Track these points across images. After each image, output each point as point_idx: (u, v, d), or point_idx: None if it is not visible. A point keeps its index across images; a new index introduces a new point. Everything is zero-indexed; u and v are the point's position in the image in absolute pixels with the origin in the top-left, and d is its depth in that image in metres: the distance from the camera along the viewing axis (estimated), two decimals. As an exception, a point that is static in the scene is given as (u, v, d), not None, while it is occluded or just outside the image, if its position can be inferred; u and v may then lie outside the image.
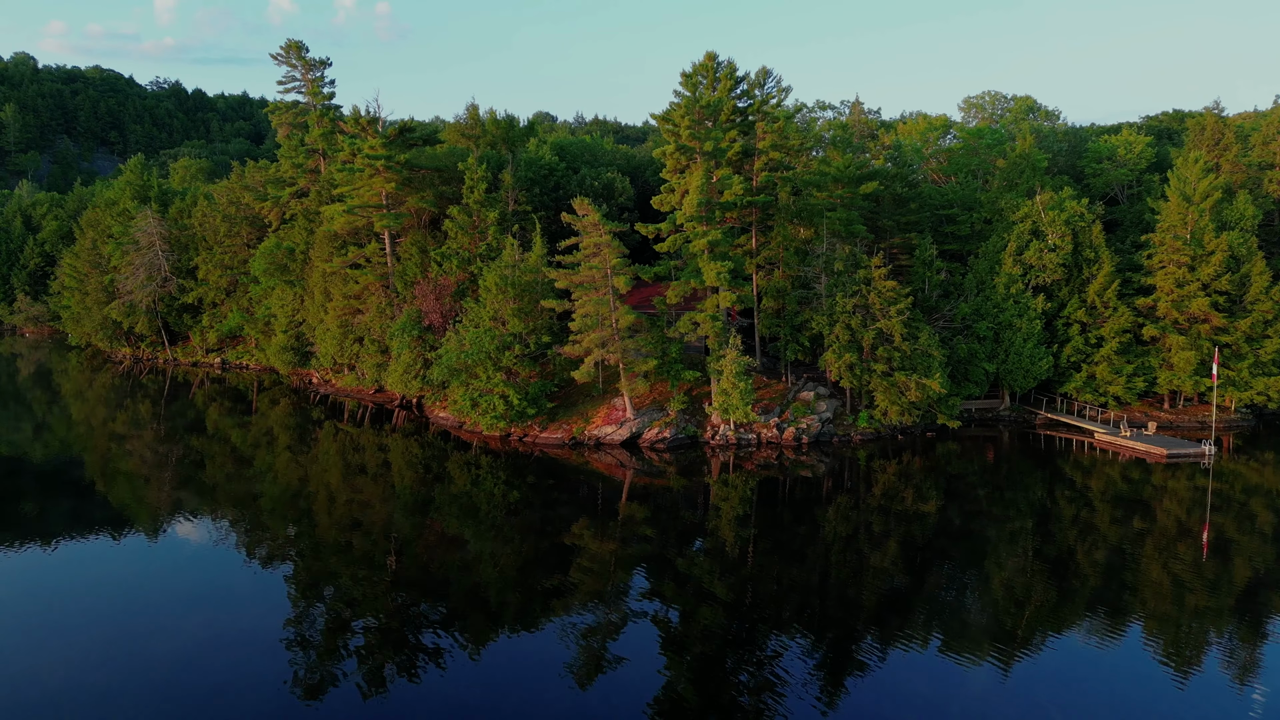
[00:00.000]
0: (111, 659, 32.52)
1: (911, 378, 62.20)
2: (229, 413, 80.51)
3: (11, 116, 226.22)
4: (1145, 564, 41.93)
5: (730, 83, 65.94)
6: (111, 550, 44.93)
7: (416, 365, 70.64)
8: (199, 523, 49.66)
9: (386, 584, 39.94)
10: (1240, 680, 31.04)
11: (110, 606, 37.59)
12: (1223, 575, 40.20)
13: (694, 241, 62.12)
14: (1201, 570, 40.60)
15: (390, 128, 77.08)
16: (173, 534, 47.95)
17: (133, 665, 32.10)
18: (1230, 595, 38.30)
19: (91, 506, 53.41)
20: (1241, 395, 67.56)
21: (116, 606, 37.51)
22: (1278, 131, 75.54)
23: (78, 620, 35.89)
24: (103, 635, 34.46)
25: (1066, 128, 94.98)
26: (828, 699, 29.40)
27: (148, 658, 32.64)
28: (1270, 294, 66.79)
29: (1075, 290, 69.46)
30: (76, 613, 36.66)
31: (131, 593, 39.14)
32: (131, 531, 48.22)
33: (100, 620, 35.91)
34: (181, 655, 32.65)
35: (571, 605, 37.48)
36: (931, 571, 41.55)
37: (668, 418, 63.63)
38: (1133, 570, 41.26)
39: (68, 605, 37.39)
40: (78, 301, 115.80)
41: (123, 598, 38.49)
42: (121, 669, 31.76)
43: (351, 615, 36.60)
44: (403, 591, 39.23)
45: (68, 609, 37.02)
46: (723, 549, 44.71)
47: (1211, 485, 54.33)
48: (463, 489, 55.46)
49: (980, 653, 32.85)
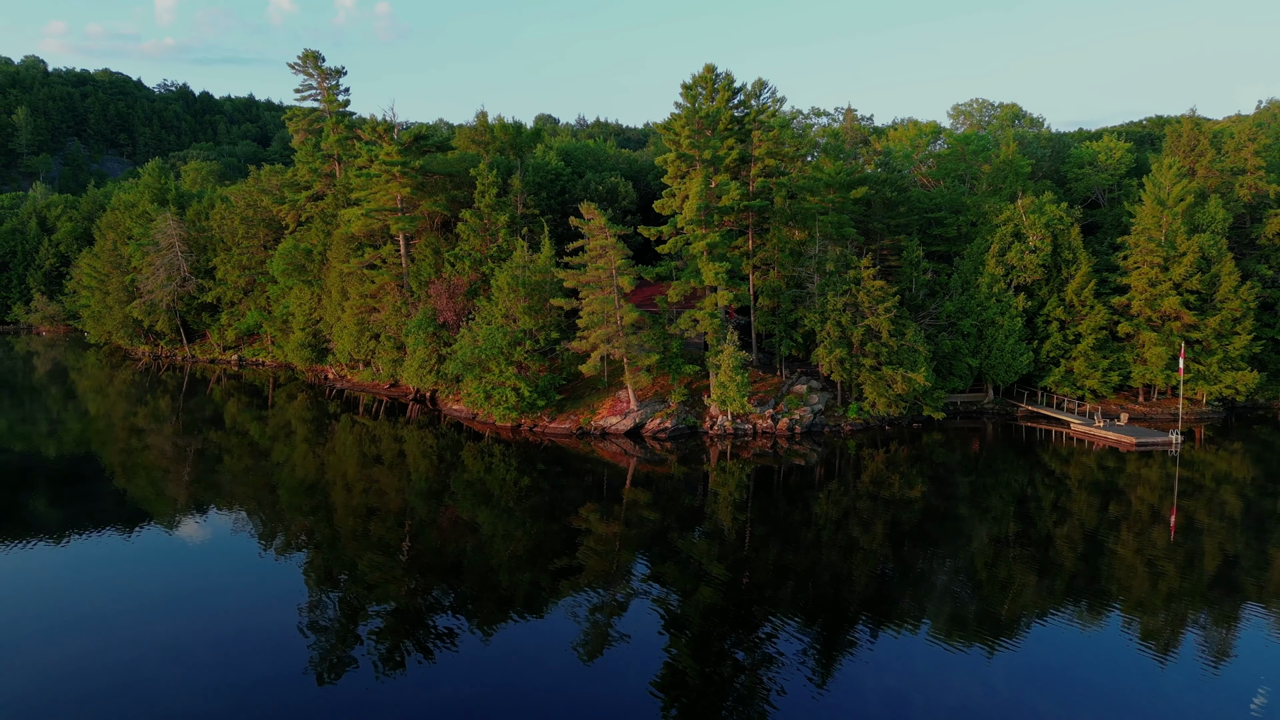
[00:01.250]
0: (132, 643, 33.19)
1: (898, 372, 65.84)
2: (246, 407, 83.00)
3: (24, 119, 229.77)
4: (1115, 544, 44.15)
5: (728, 94, 69.62)
6: (136, 538, 46.07)
7: (431, 360, 74.17)
8: (220, 511, 51.09)
9: (403, 567, 41.14)
10: (1202, 642, 33.33)
11: (129, 592, 38.49)
12: (1189, 554, 42.53)
13: (694, 244, 65.59)
14: (1170, 551, 42.82)
15: (405, 134, 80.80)
16: (194, 522, 49.24)
17: (152, 649, 32.56)
18: (1195, 571, 40.61)
19: (117, 495, 55.24)
20: (1211, 389, 71.12)
21: (136, 592, 38.35)
22: (1249, 138, 79.07)
23: (101, 604, 37.03)
24: (121, 619, 35.29)
25: (1050, 134, 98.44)
26: (820, 675, 30.57)
27: (167, 642, 33.09)
28: (1239, 293, 70.29)
29: (1054, 289, 73.12)
30: (102, 596, 37.85)
31: (152, 579, 39.83)
32: (154, 519, 49.59)
33: (119, 605, 36.84)
34: (201, 639, 33.26)
35: (579, 584, 38.92)
36: (917, 553, 43.30)
37: (669, 409, 67.22)
38: (1101, 548, 43.63)
39: (97, 588, 38.85)
40: (98, 300, 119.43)
41: (143, 583, 39.27)
42: (139, 652, 32.31)
43: (369, 598, 37.62)
44: (418, 574, 40.34)
45: (97, 592, 38.42)
46: (721, 532, 46.74)
47: (1179, 472, 57.36)
48: (476, 476, 58.04)
49: (964, 630, 34.37)
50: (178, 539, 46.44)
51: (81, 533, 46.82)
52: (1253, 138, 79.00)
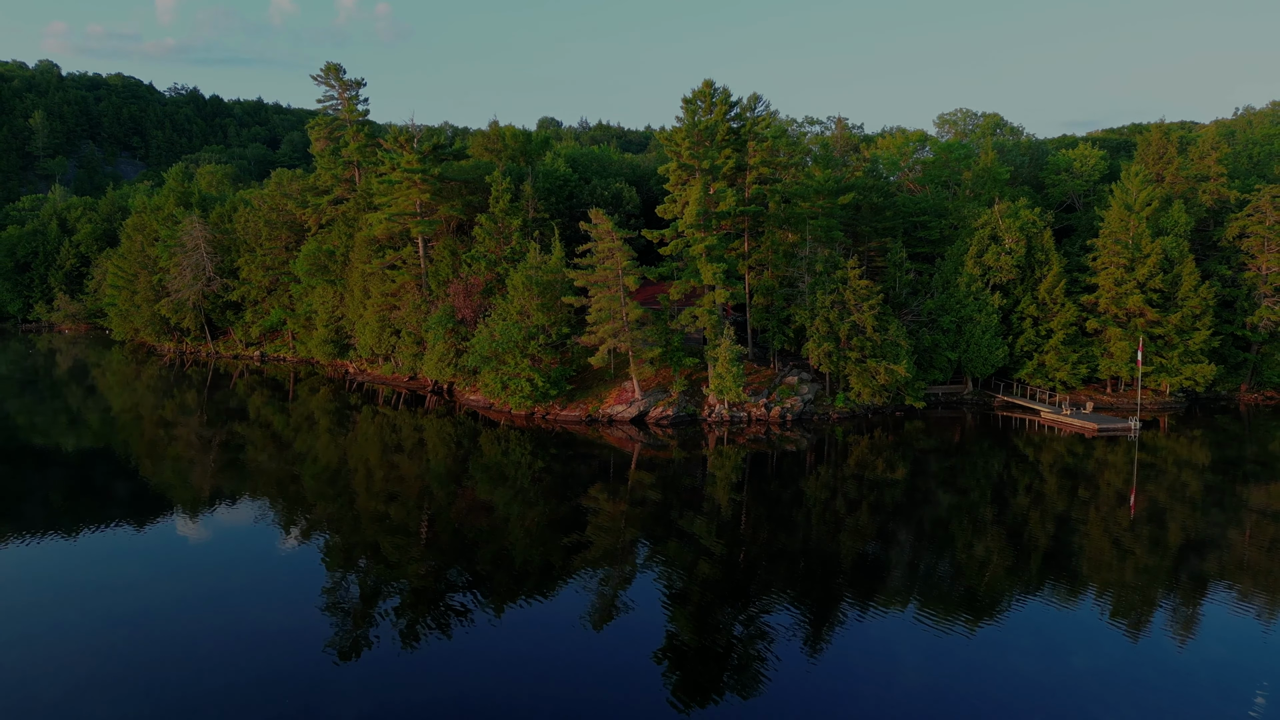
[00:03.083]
0: (156, 622, 34.25)
1: (881, 364, 71.32)
2: (270, 400, 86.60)
3: (40, 123, 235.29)
4: (1080, 520, 47.72)
5: (725, 107, 75.16)
6: (163, 524, 47.97)
7: (450, 354, 79.52)
8: (245, 497, 52.95)
9: (422, 547, 43.01)
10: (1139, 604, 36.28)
11: (163, 567, 40.36)
12: (1148, 530, 45.83)
13: (694, 246, 70.96)
14: (1134, 528, 46.10)
15: (425, 144, 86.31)
16: (221, 508, 50.99)
17: (176, 628, 33.50)
18: (1154, 544, 43.41)
19: (150, 479, 58.04)
20: (1173, 380, 76.60)
21: (164, 573, 39.72)
22: (1212, 147, 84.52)
23: (129, 582, 38.77)
24: (145, 600, 36.64)
25: (1030, 142, 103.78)
26: (811, 646, 32.16)
27: (191, 621, 34.10)
28: (1199, 292, 75.66)
29: (1028, 288, 78.59)
30: (130, 576, 39.50)
31: (178, 561, 41.34)
32: (182, 506, 51.37)
33: (146, 587, 38.28)
34: (225, 619, 34.36)
35: (588, 560, 41.02)
36: (900, 531, 45.86)
37: (670, 398, 72.65)
38: (1062, 521, 47.38)
39: (124, 568, 40.56)
40: (125, 299, 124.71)
41: (171, 565, 40.81)
42: (164, 631, 33.27)
43: (390, 576, 39.24)
44: (437, 552, 42.20)
45: (124, 571, 40.14)
46: (718, 511, 49.36)
47: (1138, 456, 62.11)
48: (493, 460, 61.88)
49: (944, 601, 36.36)
50: (205, 520, 48.53)
51: (119, 513, 49.32)
52: (1215, 146, 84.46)
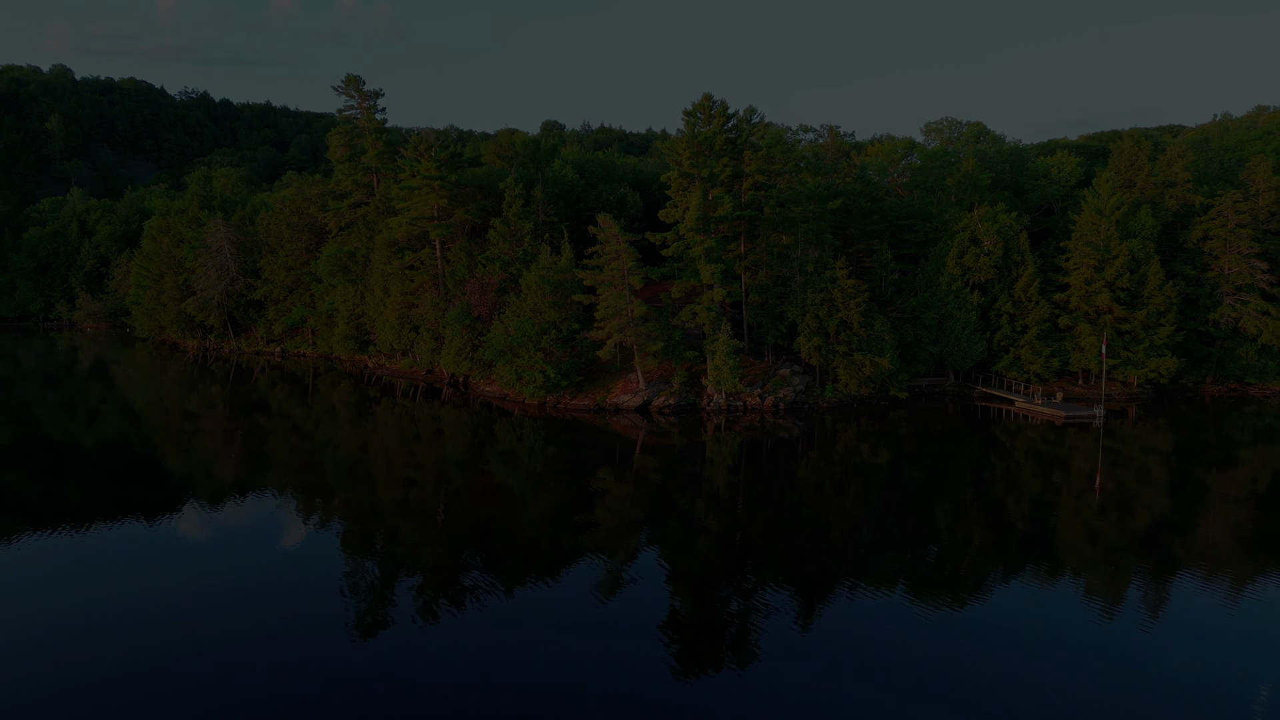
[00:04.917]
0: (183, 602, 35.58)
1: (867, 357, 76.97)
2: (292, 394, 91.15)
3: (57, 127, 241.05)
4: (1050, 499, 51.63)
5: (723, 119, 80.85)
6: (190, 509, 49.89)
7: (467, 348, 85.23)
8: (270, 485, 55.39)
9: (440, 528, 45.32)
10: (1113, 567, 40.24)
11: (190, 547, 42.55)
12: (1114, 510, 49.79)
13: (693, 248, 76.70)
14: (1098, 507, 49.77)
15: (442, 153, 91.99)
16: (248, 495, 52.91)
17: (202, 608, 34.82)
18: (1117, 521, 47.87)
19: (180, 466, 61.05)
20: (1139, 373, 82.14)
21: (189, 556, 41.62)
22: (1179, 155, 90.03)
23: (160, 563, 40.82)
24: (173, 581, 38.21)
25: (1012, 148, 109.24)
26: (803, 620, 33.97)
27: (218, 601, 35.42)
28: (1163, 290, 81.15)
29: (1005, 287, 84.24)
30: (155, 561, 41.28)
31: (203, 547, 42.84)
32: (208, 494, 53.16)
33: (174, 567, 40.13)
34: (248, 600, 35.76)
35: (596, 538, 43.63)
36: (884, 511, 48.98)
37: (672, 389, 78.23)
38: (1037, 501, 51.43)
39: (149, 554, 42.36)
40: (151, 298, 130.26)
41: (196, 550, 42.43)
42: (190, 611, 34.57)
43: (410, 556, 41.23)
44: (454, 534, 44.46)
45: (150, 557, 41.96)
46: (716, 493, 52.44)
47: (1104, 442, 67.39)
48: (509, 446, 66.72)
49: (927, 579, 38.54)
50: (231, 507, 50.28)
51: (150, 498, 52.18)
52: (1183, 154, 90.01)
